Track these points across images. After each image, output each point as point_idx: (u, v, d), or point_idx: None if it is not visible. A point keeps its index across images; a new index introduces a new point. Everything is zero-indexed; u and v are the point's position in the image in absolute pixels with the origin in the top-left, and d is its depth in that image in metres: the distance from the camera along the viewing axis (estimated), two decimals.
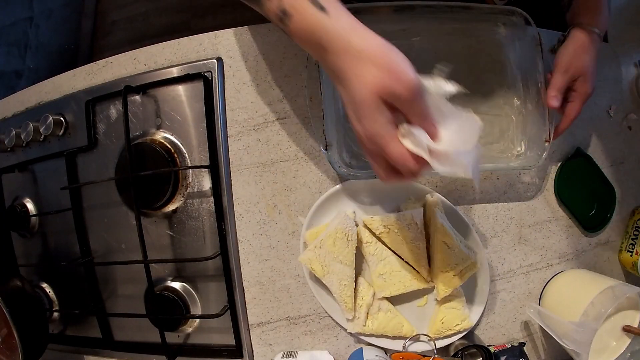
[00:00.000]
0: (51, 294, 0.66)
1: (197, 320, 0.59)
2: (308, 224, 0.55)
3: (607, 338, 0.53)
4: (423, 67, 0.56)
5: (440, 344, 0.55)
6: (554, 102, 0.54)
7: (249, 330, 0.58)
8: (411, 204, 0.56)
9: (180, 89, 0.58)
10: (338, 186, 0.55)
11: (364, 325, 0.55)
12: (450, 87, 0.37)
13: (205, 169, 0.57)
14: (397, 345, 0.56)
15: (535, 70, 0.56)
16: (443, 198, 0.55)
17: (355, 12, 0.37)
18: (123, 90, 0.56)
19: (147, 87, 0.59)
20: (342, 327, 0.56)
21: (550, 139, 0.55)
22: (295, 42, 0.38)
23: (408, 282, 0.55)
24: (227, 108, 0.58)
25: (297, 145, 0.57)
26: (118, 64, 0.62)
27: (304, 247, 0.56)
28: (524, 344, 0.56)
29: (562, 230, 0.61)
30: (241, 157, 0.58)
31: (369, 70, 0.34)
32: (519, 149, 0.58)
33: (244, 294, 0.58)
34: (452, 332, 0.55)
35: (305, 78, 0.54)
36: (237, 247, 0.58)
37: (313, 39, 0.35)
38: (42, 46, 1.43)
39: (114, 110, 0.61)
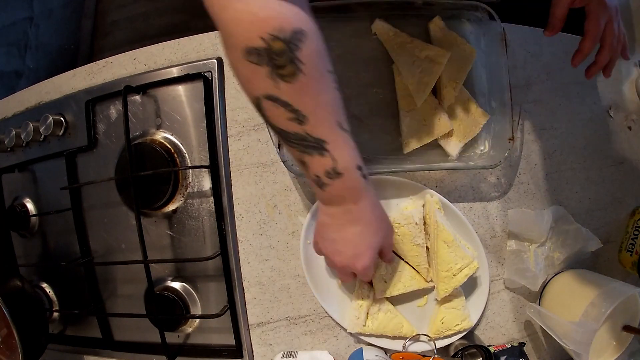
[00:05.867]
0: (51, 294, 0.66)
1: (197, 320, 0.59)
2: (308, 224, 0.55)
3: (607, 338, 0.53)
4: (387, 62, 0.57)
5: (440, 344, 0.55)
6: (548, 32, 0.52)
7: (249, 330, 0.58)
8: (411, 204, 0.56)
9: (180, 89, 0.58)
10: None
11: (364, 325, 0.55)
12: None
13: (205, 169, 0.57)
14: (397, 345, 0.56)
15: (499, 67, 0.54)
16: (443, 198, 0.55)
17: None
18: (123, 90, 0.56)
19: (147, 87, 0.59)
20: (342, 327, 0.56)
21: (513, 138, 0.53)
22: (323, 195, 0.42)
23: (408, 282, 0.55)
24: (227, 108, 0.58)
25: None
26: (118, 64, 0.62)
27: (304, 250, 0.56)
28: (524, 344, 0.56)
29: None
30: (241, 157, 0.58)
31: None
32: (482, 148, 0.57)
33: (244, 294, 0.58)
34: (452, 332, 0.55)
35: None
36: (237, 247, 0.58)
37: (352, 194, 0.42)
38: (42, 46, 1.43)
39: (114, 110, 0.61)
